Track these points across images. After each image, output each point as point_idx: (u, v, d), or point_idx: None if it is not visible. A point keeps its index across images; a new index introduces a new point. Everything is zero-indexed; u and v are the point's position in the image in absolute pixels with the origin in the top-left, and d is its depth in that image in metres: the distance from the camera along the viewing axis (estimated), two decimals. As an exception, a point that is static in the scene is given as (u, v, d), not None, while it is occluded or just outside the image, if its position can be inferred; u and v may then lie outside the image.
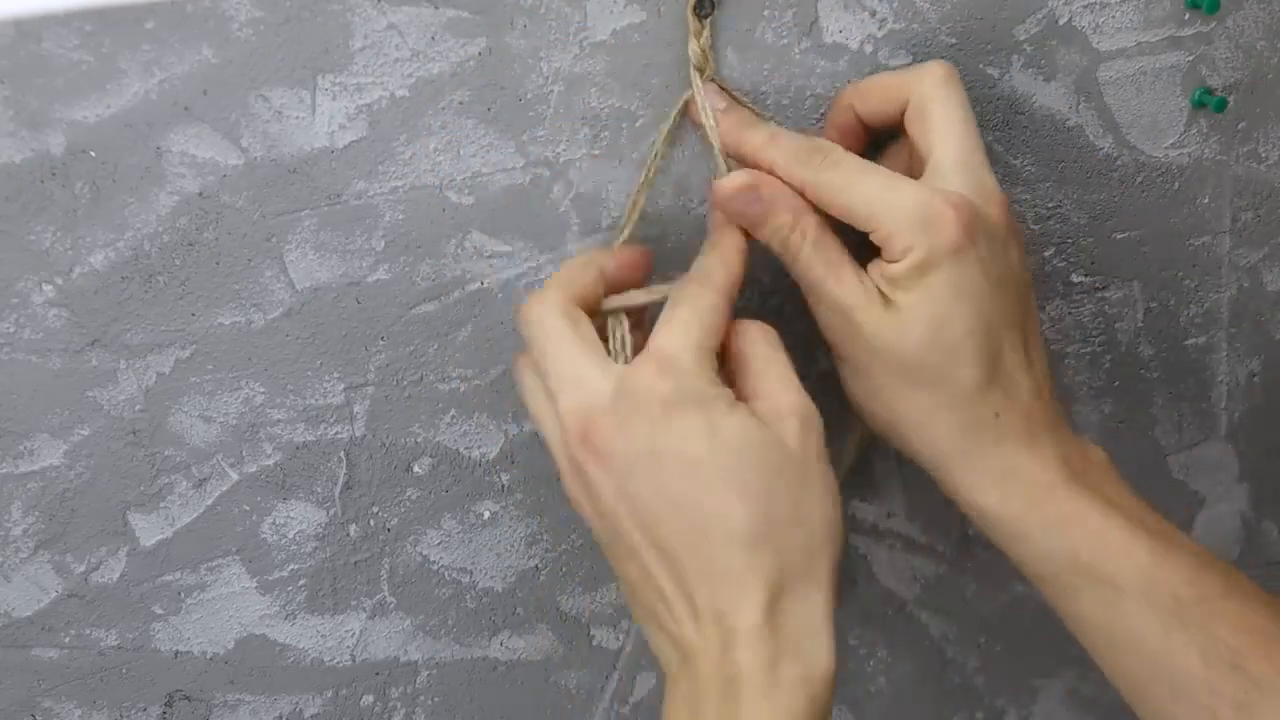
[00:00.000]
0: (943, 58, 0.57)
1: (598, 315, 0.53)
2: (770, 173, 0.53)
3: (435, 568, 0.62)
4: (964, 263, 0.51)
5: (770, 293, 0.60)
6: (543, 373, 0.52)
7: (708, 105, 0.54)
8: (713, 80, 0.55)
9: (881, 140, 0.57)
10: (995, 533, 0.53)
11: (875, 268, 0.52)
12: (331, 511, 0.60)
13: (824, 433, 0.51)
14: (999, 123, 0.59)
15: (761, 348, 0.52)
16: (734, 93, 0.55)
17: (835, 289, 0.52)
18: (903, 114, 0.54)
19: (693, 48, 0.54)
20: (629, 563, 0.50)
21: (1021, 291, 0.53)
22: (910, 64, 0.57)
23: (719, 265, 0.53)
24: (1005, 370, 0.52)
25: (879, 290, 0.52)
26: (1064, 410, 0.58)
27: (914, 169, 0.54)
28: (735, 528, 0.48)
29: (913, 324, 0.51)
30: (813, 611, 0.48)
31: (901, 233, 0.51)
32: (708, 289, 0.52)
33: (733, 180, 0.53)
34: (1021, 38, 0.58)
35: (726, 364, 0.52)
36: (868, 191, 0.52)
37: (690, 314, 0.51)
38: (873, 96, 0.55)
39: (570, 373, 0.50)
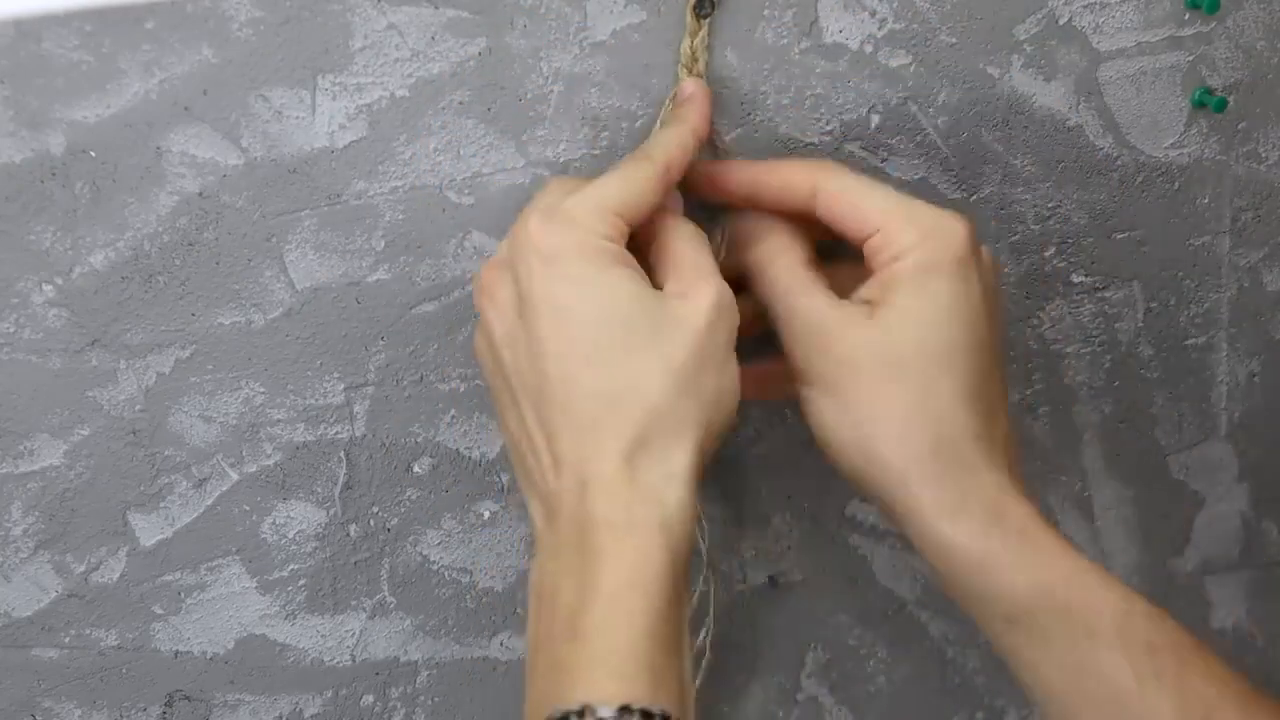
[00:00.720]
0: (943, 58, 0.57)
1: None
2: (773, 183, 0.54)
3: (435, 568, 0.62)
4: (966, 277, 0.51)
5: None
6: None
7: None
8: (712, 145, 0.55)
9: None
10: (957, 565, 0.50)
11: (873, 272, 0.52)
12: (331, 511, 0.60)
13: (735, 322, 0.50)
14: (999, 123, 0.59)
15: (686, 242, 0.52)
16: (720, 144, 0.55)
17: (807, 300, 0.52)
18: (811, 207, 0.54)
19: (684, 46, 0.54)
20: (508, 414, 0.50)
21: (1001, 336, 0.53)
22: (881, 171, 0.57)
23: (659, 144, 0.52)
24: (988, 396, 0.52)
25: (864, 300, 0.52)
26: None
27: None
28: (602, 378, 0.48)
29: (905, 323, 0.51)
30: (673, 466, 0.48)
31: (908, 232, 0.51)
32: (637, 161, 0.52)
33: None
34: (1021, 38, 0.58)
35: (650, 257, 0.52)
36: (879, 194, 0.52)
37: (609, 180, 0.51)
38: (771, 187, 0.54)
39: (512, 228, 0.51)
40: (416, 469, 0.60)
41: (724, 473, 0.63)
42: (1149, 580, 0.69)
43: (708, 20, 0.54)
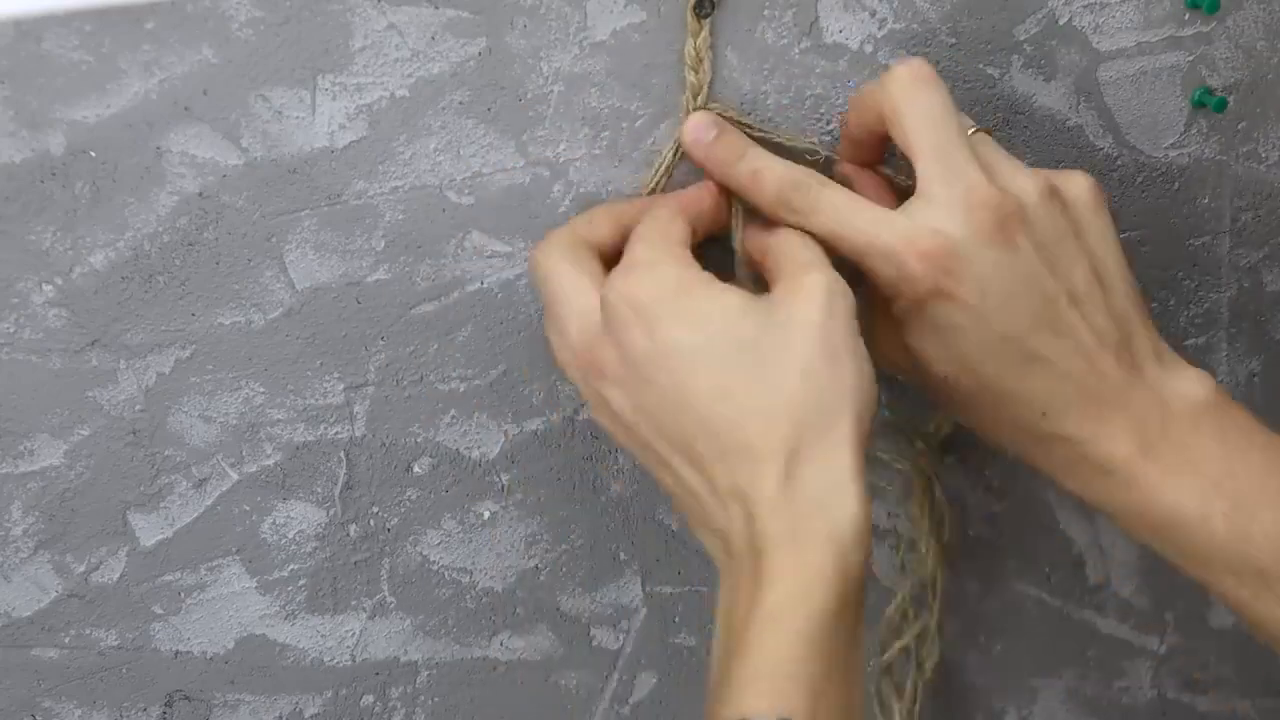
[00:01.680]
0: (943, 58, 0.57)
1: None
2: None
3: (435, 568, 0.62)
4: (1007, 246, 0.50)
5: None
6: (552, 314, 0.52)
7: (691, 138, 0.54)
8: (703, 108, 0.55)
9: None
10: (1119, 514, 0.51)
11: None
12: (331, 511, 0.60)
13: (851, 302, 0.49)
14: (999, 123, 0.59)
15: (780, 240, 0.52)
16: (726, 112, 0.55)
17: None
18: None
19: (688, 48, 0.54)
20: (662, 472, 0.50)
21: (1116, 258, 0.53)
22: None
23: (690, 190, 0.54)
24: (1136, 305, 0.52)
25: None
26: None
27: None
28: (740, 405, 0.47)
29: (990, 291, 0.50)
30: (834, 472, 0.47)
31: (889, 271, 0.51)
32: (672, 199, 0.53)
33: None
34: (1021, 38, 0.58)
35: (761, 269, 0.53)
36: (856, 227, 0.51)
37: (654, 221, 0.51)
38: (858, 112, 0.54)
39: (572, 305, 0.51)
40: (416, 469, 0.60)
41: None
42: (1149, 580, 0.69)
43: (708, 20, 0.54)
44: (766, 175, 0.53)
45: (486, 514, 0.61)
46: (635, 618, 0.64)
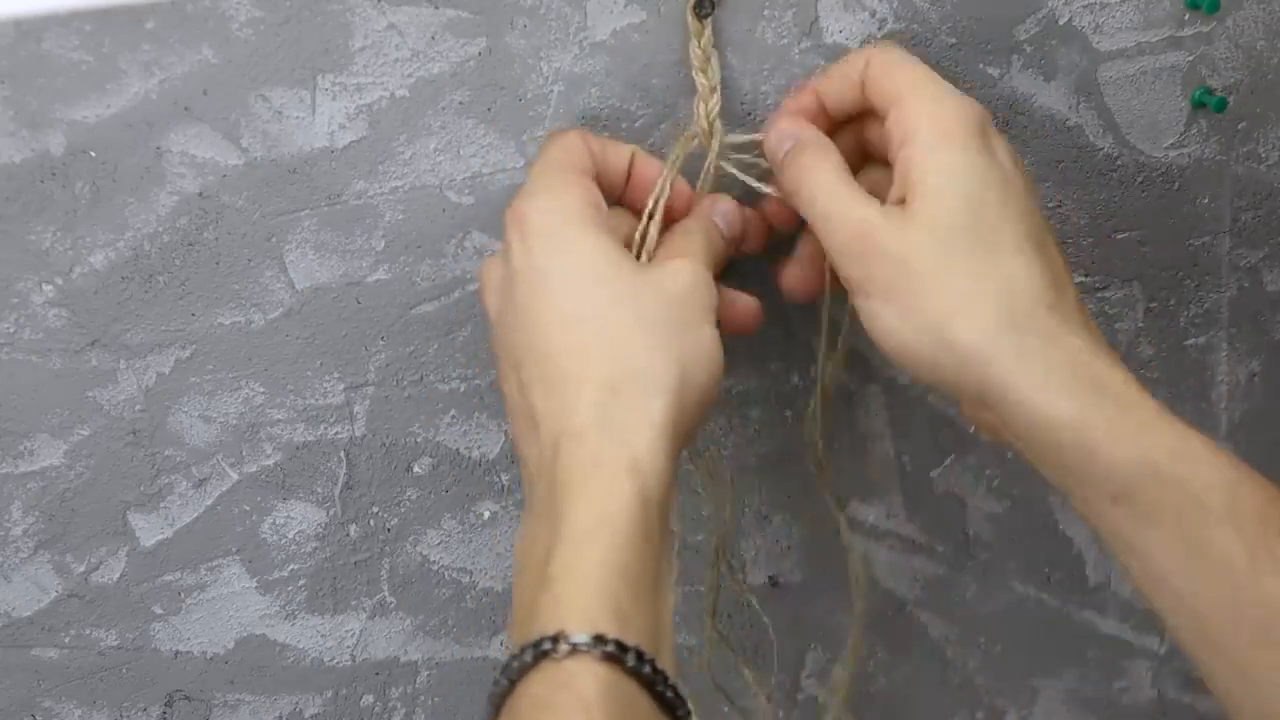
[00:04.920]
0: (943, 58, 0.57)
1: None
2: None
3: (435, 568, 0.62)
4: (981, 148, 0.50)
5: (771, 292, 0.60)
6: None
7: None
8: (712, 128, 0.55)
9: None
10: (1056, 442, 0.47)
11: (895, 162, 0.51)
12: (331, 511, 0.60)
13: (711, 297, 0.51)
14: (999, 123, 0.59)
15: (685, 228, 0.53)
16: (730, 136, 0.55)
17: (848, 210, 0.50)
18: (862, 91, 0.53)
19: (693, 50, 0.54)
20: (508, 389, 0.51)
21: (1036, 201, 0.52)
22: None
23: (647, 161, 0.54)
24: (1050, 264, 0.49)
25: (897, 200, 0.50)
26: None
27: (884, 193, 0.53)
28: (572, 335, 0.48)
29: (938, 206, 0.49)
30: (643, 413, 0.47)
31: (916, 108, 0.50)
32: (605, 144, 0.53)
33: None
34: (1021, 38, 0.58)
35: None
36: (910, 67, 0.51)
37: (557, 148, 0.52)
38: (834, 77, 0.54)
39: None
40: (416, 469, 0.60)
41: (724, 473, 0.63)
42: (1149, 580, 0.69)
43: (709, 20, 0.54)
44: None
45: (486, 514, 0.61)
46: (635, 618, 0.64)
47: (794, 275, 0.56)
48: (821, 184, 0.51)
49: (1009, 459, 0.66)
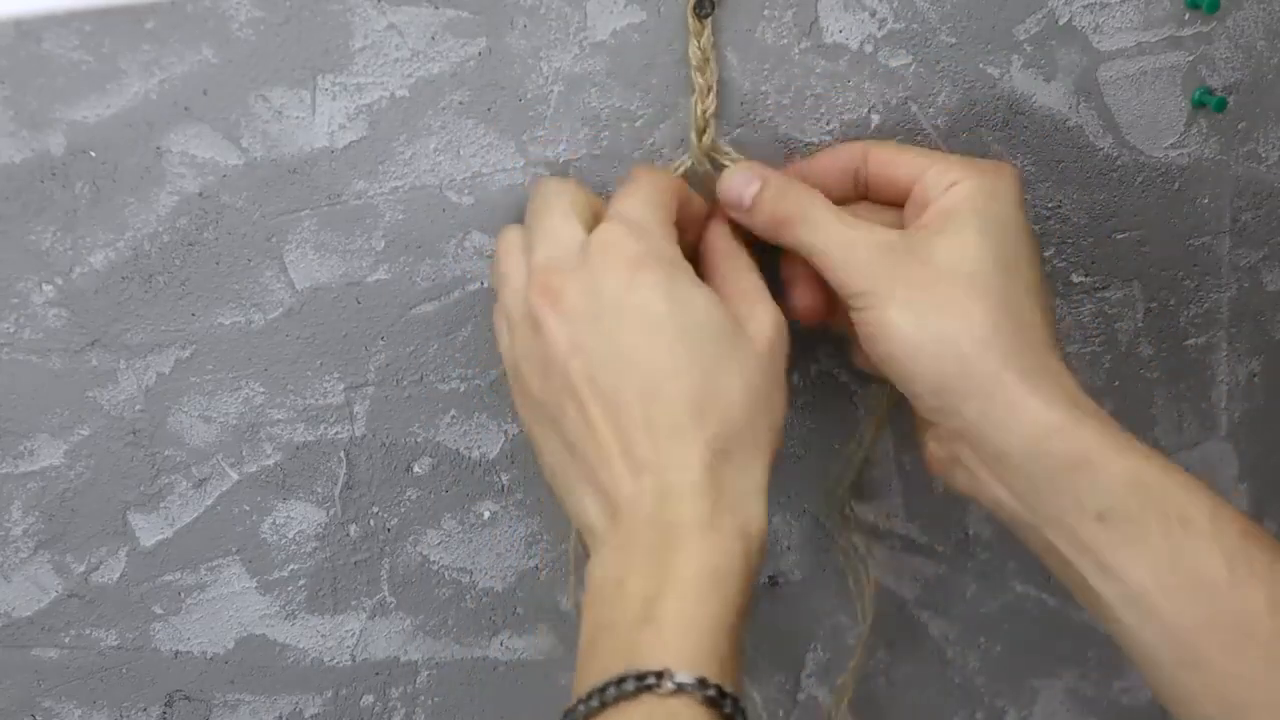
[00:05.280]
0: (943, 58, 0.57)
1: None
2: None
3: (435, 568, 0.62)
4: (1019, 204, 0.53)
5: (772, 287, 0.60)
6: (529, 229, 0.53)
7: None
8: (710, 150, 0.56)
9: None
10: (1054, 458, 0.50)
11: (922, 212, 0.53)
12: (331, 511, 0.60)
13: (787, 339, 0.52)
14: (999, 123, 0.59)
15: (727, 244, 0.54)
16: (718, 153, 0.56)
17: (864, 229, 0.52)
18: (854, 179, 0.55)
19: (692, 49, 0.54)
20: (570, 419, 0.50)
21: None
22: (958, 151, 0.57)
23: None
24: (1051, 310, 0.53)
25: (922, 226, 0.53)
26: None
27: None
28: (687, 388, 0.49)
29: (976, 238, 0.51)
30: (752, 479, 0.49)
31: (962, 167, 0.53)
32: (665, 172, 0.54)
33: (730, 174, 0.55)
34: (1021, 38, 0.58)
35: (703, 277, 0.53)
36: (926, 150, 0.55)
37: (652, 187, 0.52)
38: (822, 162, 0.56)
39: (554, 231, 0.51)
40: (416, 469, 0.60)
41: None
42: (1149, 580, 0.69)
43: (709, 20, 0.54)
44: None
45: (486, 514, 0.61)
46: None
47: (803, 299, 0.56)
48: (824, 210, 0.53)
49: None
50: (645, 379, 0.49)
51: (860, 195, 0.56)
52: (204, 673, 0.61)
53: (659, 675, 0.45)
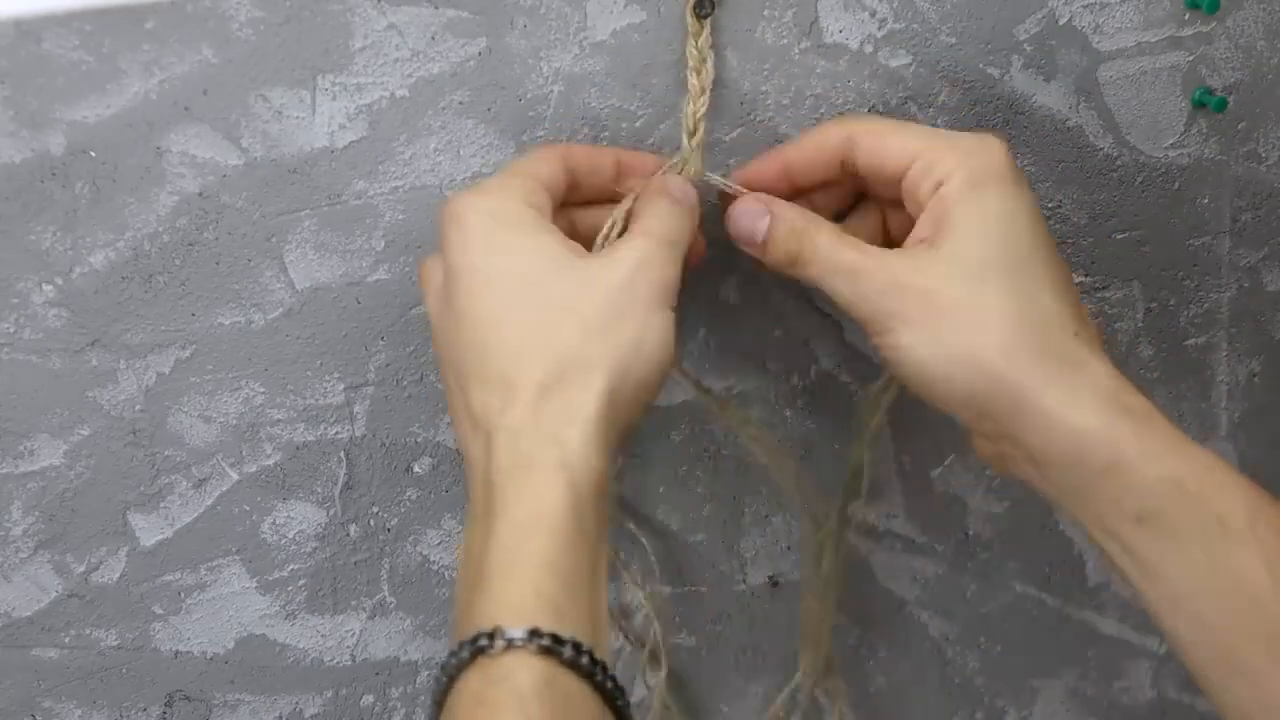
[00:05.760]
0: (943, 58, 0.57)
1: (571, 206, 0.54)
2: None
3: (435, 568, 0.62)
4: (1017, 183, 0.51)
5: (769, 292, 0.60)
6: None
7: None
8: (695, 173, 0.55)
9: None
10: (1087, 463, 0.48)
11: (915, 208, 0.52)
12: (331, 511, 0.60)
13: (661, 277, 0.50)
14: (999, 123, 0.59)
15: (645, 212, 0.52)
16: (703, 178, 0.55)
17: (866, 256, 0.51)
18: (840, 163, 0.54)
19: (689, 49, 0.54)
20: (449, 392, 0.51)
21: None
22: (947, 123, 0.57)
23: (617, 155, 0.54)
24: (1071, 294, 0.51)
25: (920, 240, 0.51)
26: None
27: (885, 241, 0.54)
28: (510, 335, 0.48)
29: (973, 241, 0.50)
30: (574, 409, 0.47)
31: (948, 155, 0.51)
32: (566, 149, 0.53)
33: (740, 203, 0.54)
34: (1021, 38, 0.58)
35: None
36: (912, 128, 0.53)
37: (529, 156, 0.52)
38: (806, 149, 0.54)
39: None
40: (416, 469, 0.60)
41: (724, 473, 0.63)
42: (1149, 580, 0.69)
43: (708, 20, 0.54)
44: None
45: (486, 514, 0.61)
46: (635, 617, 0.64)
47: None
48: (828, 243, 0.52)
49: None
50: (476, 335, 0.48)
51: (849, 176, 0.54)
52: (204, 673, 0.61)
53: (490, 636, 0.43)
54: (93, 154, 0.52)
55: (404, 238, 0.56)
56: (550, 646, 0.43)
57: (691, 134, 0.55)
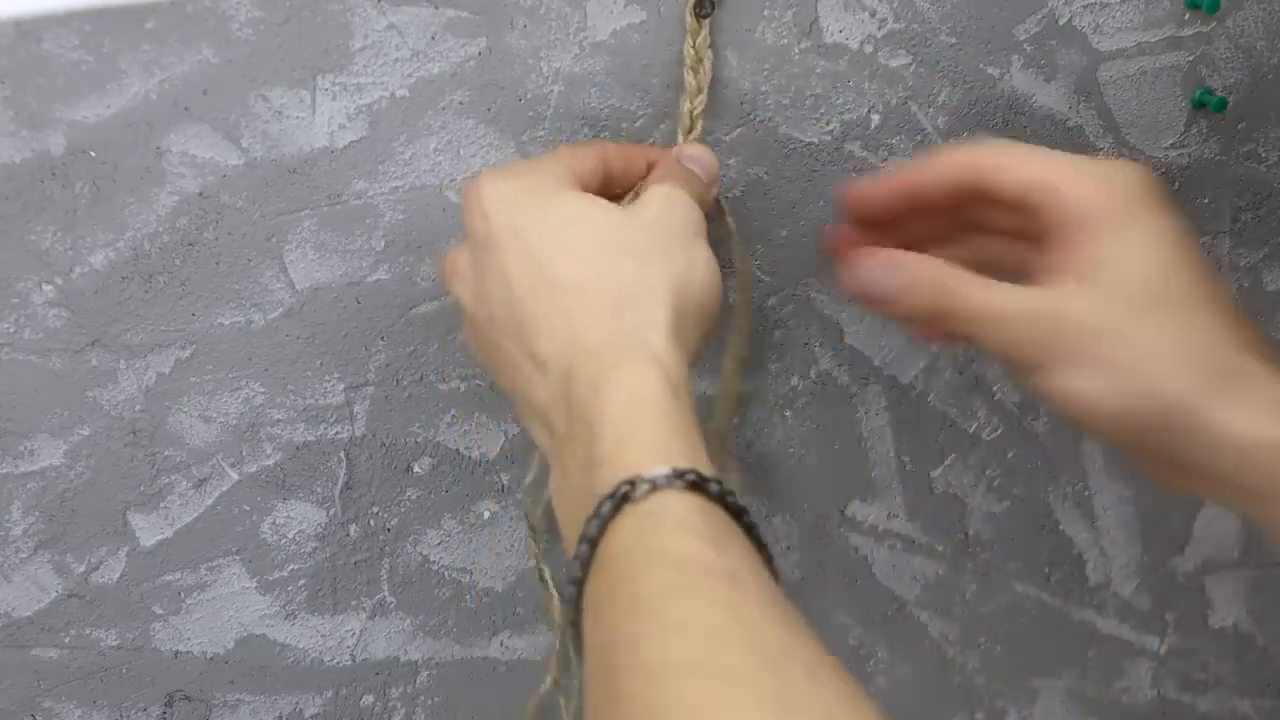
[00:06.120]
0: (943, 58, 0.57)
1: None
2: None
3: (435, 568, 0.62)
4: (1159, 213, 0.50)
5: (770, 293, 0.60)
6: None
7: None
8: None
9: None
10: (1262, 474, 0.48)
11: (1048, 243, 0.51)
12: (331, 511, 0.60)
13: (687, 212, 0.51)
14: (999, 123, 0.59)
15: (663, 169, 0.53)
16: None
17: (1012, 299, 0.50)
18: (958, 189, 0.52)
19: (686, 48, 0.54)
20: (500, 361, 0.50)
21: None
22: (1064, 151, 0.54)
23: (651, 153, 0.55)
24: (1229, 304, 0.50)
25: (1064, 275, 0.50)
26: None
27: None
28: (562, 278, 0.48)
29: (1122, 272, 0.49)
30: (653, 320, 0.48)
31: (1084, 187, 0.50)
32: (618, 147, 0.53)
33: (864, 259, 0.52)
34: (1021, 38, 0.58)
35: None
36: (1040, 152, 0.51)
37: (568, 147, 0.52)
38: (931, 172, 0.53)
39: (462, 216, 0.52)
40: (416, 469, 0.60)
41: (724, 472, 0.63)
42: (1149, 580, 0.69)
43: (708, 20, 0.54)
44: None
45: (486, 514, 0.61)
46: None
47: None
48: (975, 294, 0.50)
49: (1009, 459, 0.66)
50: (528, 288, 0.48)
51: (957, 205, 0.53)
52: (204, 673, 0.61)
53: (630, 483, 0.43)
54: (93, 154, 0.52)
55: (404, 238, 0.56)
56: (696, 481, 0.43)
57: (688, 132, 0.55)
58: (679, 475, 0.43)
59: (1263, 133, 0.63)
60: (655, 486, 0.42)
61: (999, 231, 0.53)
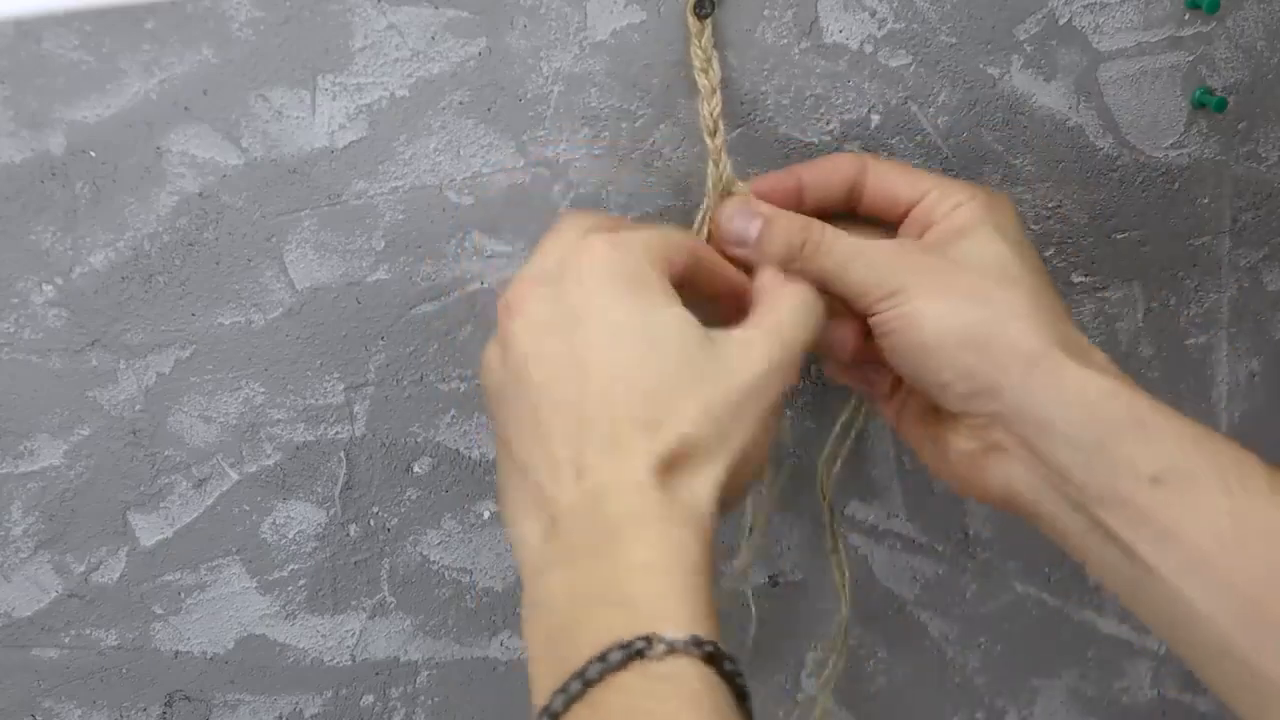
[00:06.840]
0: (943, 58, 0.57)
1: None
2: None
3: (435, 568, 0.62)
4: (1021, 226, 0.54)
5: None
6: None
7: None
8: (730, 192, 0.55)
9: None
10: (1102, 425, 0.49)
11: (924, 230, 0.54)
12: (331, 511, 0.60)
13: (786, 386, 0.49)
14: (999, 123, 0.59)
15: (783, 294, 0.51)
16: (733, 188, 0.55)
17: (886, 241, 0.53)
18: (847, 192, 0.55)
19: (694, 50, 0.54)
20: (521, 430, 0.48)
21: None
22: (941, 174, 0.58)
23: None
24: (1064, 305, 0.53)
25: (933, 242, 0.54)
26: None
27: None
28: (641, 404, 0.46)
29: (994, 242, 0.52)
30: (703, 479, 0.46)
31: (963, 190, 0.53)
32: (687, 233, 0.53)
33: (729, 206, 0.54)
34: (1021, 38, 0.58)
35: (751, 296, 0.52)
36: (924, 170, 0.56)
37: (657, 231, 0.51)
38: (821, 170, 0.55)
39: (549, 245, 0.50)
40: (416, 469, 0.60)
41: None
42: (1149, 580, 0.69)
43: (708, 20, 0.54)
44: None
45: (486, 514, 0.61)
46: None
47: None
48: (829, 232, 0.52)
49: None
50: (604, 390, 0.46)
51: (850, 208, 0.55)
52: (204, 673, 0.61)
53: (647, 640, 0.41)
54: (93, 154, 0.52)
55: (404, 238, 0.56)
56: (714, 653, 0.42)
57: (713, 134, 0.54)
58: (698, 644, 0.42)
59: (1263, 133, 0.63)
60: (673, 649, 0.42)
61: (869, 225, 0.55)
